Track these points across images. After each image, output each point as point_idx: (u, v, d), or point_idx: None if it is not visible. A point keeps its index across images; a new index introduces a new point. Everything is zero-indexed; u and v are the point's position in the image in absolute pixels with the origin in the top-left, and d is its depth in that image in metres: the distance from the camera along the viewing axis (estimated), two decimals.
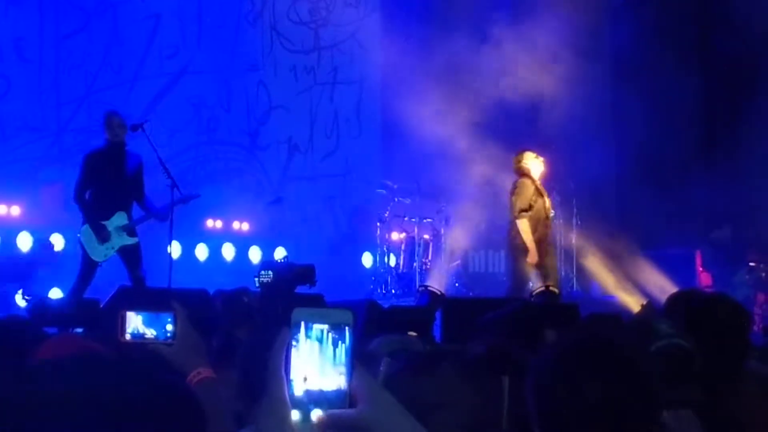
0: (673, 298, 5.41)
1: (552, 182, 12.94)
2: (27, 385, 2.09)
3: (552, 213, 12.24)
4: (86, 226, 10.50)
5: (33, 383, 2.13)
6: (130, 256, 10.59)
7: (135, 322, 3.31)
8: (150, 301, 3.49)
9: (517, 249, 11.51)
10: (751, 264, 14.10)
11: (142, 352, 3.32)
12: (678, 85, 14.65)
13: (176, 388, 2.11)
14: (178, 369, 3.31)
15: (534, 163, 11.84)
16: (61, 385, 2.09)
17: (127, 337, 3.30)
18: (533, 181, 11.69)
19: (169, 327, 3.33)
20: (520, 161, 11.80)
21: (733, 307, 4.39)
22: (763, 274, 14.00)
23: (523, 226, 11.43)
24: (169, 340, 3.32)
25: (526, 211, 11.45)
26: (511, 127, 13.96)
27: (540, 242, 11.47)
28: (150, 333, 3.32)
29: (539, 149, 12.21)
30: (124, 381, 2.13)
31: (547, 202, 11.86)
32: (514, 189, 11.68)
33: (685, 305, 4.36)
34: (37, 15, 13.34)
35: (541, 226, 11.56)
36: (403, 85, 15.21)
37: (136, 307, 3.34)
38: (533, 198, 11.53)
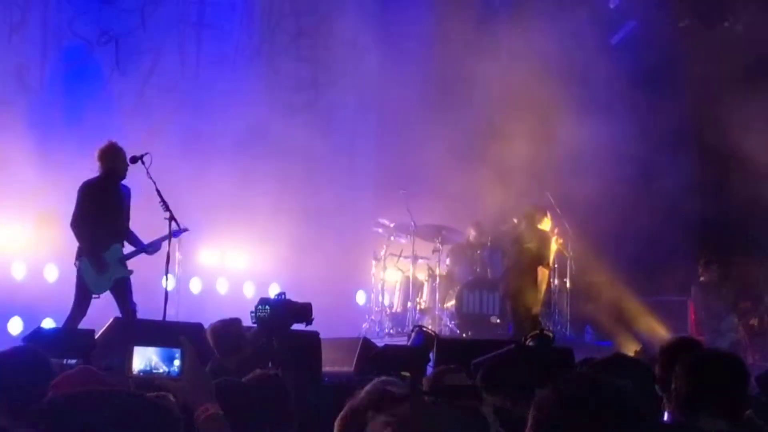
0: (669, 348, 5.41)
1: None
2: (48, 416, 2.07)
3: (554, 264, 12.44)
4: (85, 258, 10.38)
5: (52, 417, 2.11)
6: (121, 288, 10.47)
7: (143, 357, 3.28)
8: (146, 335, 3.46)
9: (514, 293, 11.59)
10: (741, 308, 14.06)
11: (151, 387, 3.29)
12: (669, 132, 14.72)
13: None
14: (185, 404, 3.28)
15: (543, 219, 12.17)
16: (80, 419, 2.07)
17: (135, 371, 3.27)
18: (540, 232, 11.91)
19: (177, 362, 3.30)
20: (530, 216, 12.06)
21: (733, 359, 4.40)
22: (754, 320, 13.93)
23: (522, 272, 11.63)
24: (177, 376, 3.29)
25: (537, 261, 11.65)
26: (509, 168, 13.97)
27: (538, 289, 11.60)
28: (158, 368, 3.29)
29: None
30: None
31: (550, 252, 12.06)
32: (521, 239, 11.97)
33: (689, 358, 4.37)
34: (40, 44, 13.34)
35: (540, 273, 11.72)
36: (399, 123, 15.23)
37: (144, 342, 3.30)
38: (536, 245, 11.73)
